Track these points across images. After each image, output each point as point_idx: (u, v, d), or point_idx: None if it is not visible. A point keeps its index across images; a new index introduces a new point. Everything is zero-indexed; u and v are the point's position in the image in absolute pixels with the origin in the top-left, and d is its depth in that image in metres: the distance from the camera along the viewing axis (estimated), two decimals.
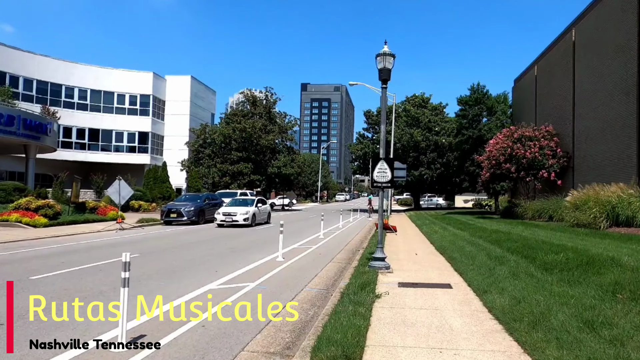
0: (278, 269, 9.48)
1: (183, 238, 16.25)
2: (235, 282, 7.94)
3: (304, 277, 8.65)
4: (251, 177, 47.31)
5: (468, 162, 35.95)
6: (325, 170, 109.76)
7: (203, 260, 10.68)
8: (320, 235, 17.74)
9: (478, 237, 13.29)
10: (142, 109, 50.90)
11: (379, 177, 8.86)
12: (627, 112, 17.56)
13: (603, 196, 15.23)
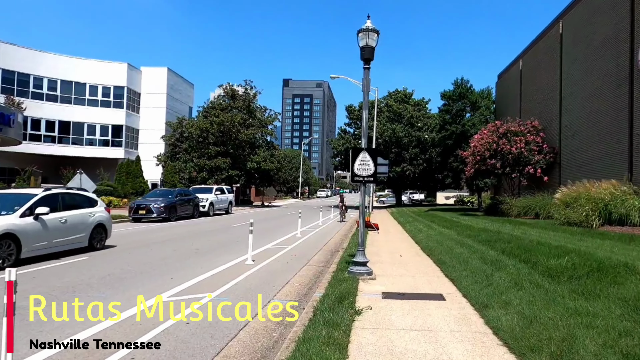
0: (245, 275, 8.32)
1: (147, 237, 14.93)
2: (190, 292, 6.74)
3: (273, 285, 7.52)
4: (229, 172, 45.96)
5: (451, 158, 35.21)
6: (306, 166, 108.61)
7: (161, 263, 9.43)
8: (298, 233, 16.61)
9: (466, 237, 12.33)
10: (115, 101, 48.79)
11: (361, 170, 7.76)
12: (618, 106, 16.85)
13: (594, 193, 14.46)
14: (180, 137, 47.38)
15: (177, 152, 47.04)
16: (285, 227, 19.95)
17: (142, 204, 23.61)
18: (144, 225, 20.71)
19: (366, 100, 7.83)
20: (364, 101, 7.81)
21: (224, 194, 33.12)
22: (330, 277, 7.43)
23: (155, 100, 52.93)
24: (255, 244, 13.15)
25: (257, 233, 17.07)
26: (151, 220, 23.06)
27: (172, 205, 24.30)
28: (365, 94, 7.83)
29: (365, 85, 7.78)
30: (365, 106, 7.77)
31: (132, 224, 21.20)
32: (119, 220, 22.65)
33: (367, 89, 7.76)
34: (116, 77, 48.84)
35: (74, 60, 47.75)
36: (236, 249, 11.85)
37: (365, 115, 7.79)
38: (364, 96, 7.86)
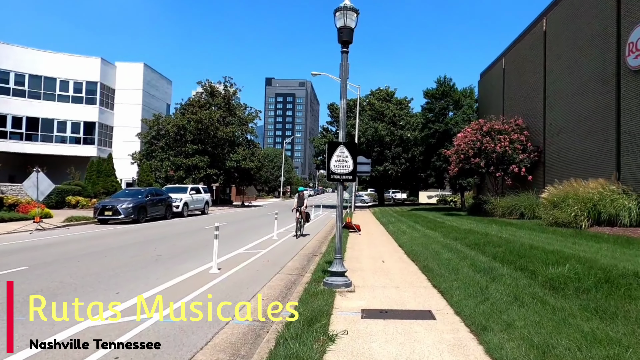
0: (206, 287, 7.30)
1: (107, 241, 13.72)
2: (131, 313, 5.63)
3: (237, 299, 6.51)
4: (207, 171, 44.65)
5: (435, 157, 34.61)
6: (288, 165, 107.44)
7: (111, 274, 8.29)
8: (274, 236, 15.61)
9: (453, 239, 11.52)
10: (88, 97, 46.70)
11: (338, 167, 6.82)
12: (605, 103, 16.30)
13: (582, 193, 13.84)
14: (156, 135, 45.84)
15: (153, 150, 45.51)
16: (261, 229, 18.92)
17: (108, 205, 22.24)
18: (110, 227, 19.43)
19: (344, 87, 6.89)
20: (342, 89, 6.86)
21: (199, 193, 31.96)
22: (303, 291, 6.47)
23: (131, 96, 51.10)
24: (226, 249, 12.16)
25: (230, 236, 16.10)
26: (118, 222, 21.79)
27: (141, 206, 23.04)
28: (343, 80, 6.89)
29: (344, 71, 6.84)
30: (343, 94, 6.83)
31: (97, 226, 19.87)
32: (82, 222, 21.29)
33: (346, 75, 6.82)
34: (89, 72, 46.87)
35: (43, 53, 45.62)
36: (203, 254, 10.78)
37: (343, 105, 6.85)
38: (342, 83, 6.91)
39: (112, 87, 50.18)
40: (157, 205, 24.81)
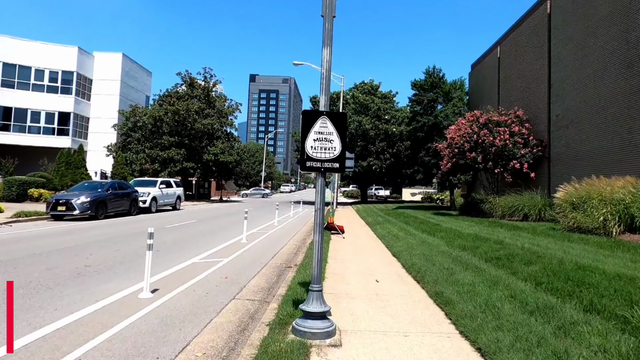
0: (124, 324, 4.84)
1: (38, 244, 11.05)
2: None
3: (157, 357, 4.11)
4: (184, 165, 42.18)
5: (423, 152, 32.42)
6: (270, 160, 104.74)
7: None
8: (243, 239, 13.15)
9: (461, 249, 9.24)
10: (63, 87, 44.26)
11: (318, 151, 4.44)
12: (629, 89, 14.23)
13: (608, 193, 11.73)
14: (133, 127, 43.34)
15: (129, 142, 43.07)
16: (232, 229, 16.44)
17: (62, 199, 19.59)
18: (61, 225, 16.78)
19: (328, 34, 4.50)
20: (324, 36, 4.47)
21: (170, 187, 29.29)
22: (261, 344, 4.06)
23: (108, 87, 48.63)
24: (179, 257, 9.69)
25: (191, 238, 13.55)
26: (73, 218, 19.24)
27: (100, 200, 20.40)
28: (328, 17, 4.48)
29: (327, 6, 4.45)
30: (327, 37, 4.44)
31: (48, 223, 17.23)
32: (34, 217, 18.61)
33: (330, 14, 4.43)
34: (65, 62, 44.39)
35: (18, 41, 43.09)
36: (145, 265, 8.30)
37: (326, 54, 4.46)
38: (326, 22, 4.52)
39: (89, 77, 47.87)
40: (119, 200, 22.19)
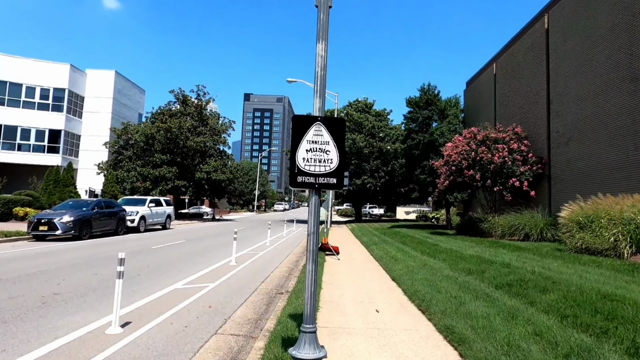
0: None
1: (6, 269, 10.15)
2: None
3: None
4: (175, 183, 41.38)
5: (418, 170, 31.86)
6: (263, 179, 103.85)
7: None
8: (232, 261, 12.35)
9: (466, 273, 8.52)
10: (55, 104, 43.77)
11: (311, 164, 3.77)
12: (634, 104, 13.77)
13: (616, 211, 11.13)
14: (125, 145, 42.67)
15: (120, 160, 42.40)
16: (221, 250, 15.62)
17: (44, 218, 18.81)
18: (42, 245, 15.93)
19: (323, 26, 3.88)
20: (320, 20, 3.85)
21: (160, 206, 28.47)
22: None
23: (100, 104, 48.19)
24: (161, 282, 8.90)
25: (177, 260, 12.69)
26: (56, 239, 18.45)
27: (85, 220, 19.61)
28: (323, 6, 3.87)
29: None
30: (321, 30, 3.82)
31: (28, 244, 16.39)
32: (14, 237, 17.79)
33: (325, 6, 3.82)
34: (57, 79, 43.94)
35: (9, 58, 42.67)
36: (123, 292, 7.50)
37: (321, 49, 3.82)
38: (320, 12, 3.90)
39: (81, 95, 47.41)
40: (105, 219, 21.39)
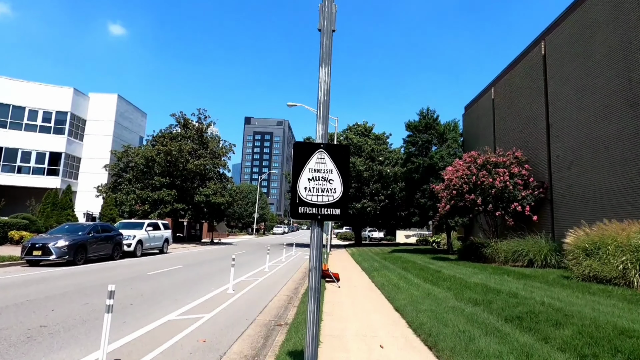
0: None
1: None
2: None
3: None
4: (174, 206, 41.08)
5: (418, 194, 31.63)
6: (263, 202, 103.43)
7: None
8: (230, 288, 11.99)
9: (472, 304, 8.20)
10: (56, 127, 44.11)
11: (314, 193, 3.54)
12: (634, 129, 13.68)
13: (623, 238, 10.87)
14: (125, 167, 42.60)
15: (119, 182, 42.24)
16: (219, 276, 15.24)
17: (38, 243, 18.45)
18: (35, 271, 15.55)
19: (327, 43, 3.71)
20: (323, 44, 3.68)
21: (157, 230, 28.11)
22: None
23: (102, 127, 48.53)
24: (155, 312, 8.55)
25: (173, 287, 12.23)
26: (50, 264, 18.09)
27: (80, 244, 19.28)
28: (326, 26, 3.70)
29: (327, 9, 3.68)
30: (325, 54, 3.64)
31: (22, 269, 16.09)
32: (7, 262, 17.46)
33: (330, 13, 3.66)
34: (60, 102, 44.39)
35: (14, 82, 43.13)
36: (113, 324, 7.16)
37: (323, 74, 3.64)
38: (324, 37, 3.73)
39: (83, 118, 47.78)
40: (101, 244, 21.05)
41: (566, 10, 19.25)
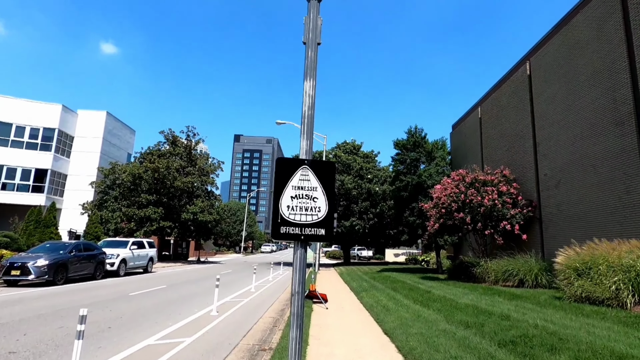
0: None
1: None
2: None
3: None
4: (161, 224, 40.39)
5: (407, 212, 31.48)
6: (251, 220, 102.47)
7: None
8: (213, 310, 11.59)
9: (463, 327, 7.95)
10: (43, 144, 43.65)
11: (297, 212, 3.32)
12: (620, 148, 13.73)
13: (614, 257, 10.75)
14: (111, 184, 41.94)
15: (105, 200, 41.50)
16: (203, 297, 14.80)
17: (17, 262, 17.88)
18: (12, 292, 14.98)
19: (312, 58, 3.54)
20: (308, 57, 3.51)
21: (142, 248, 27.53)
22: None
23: (90, 144, 48.16)
24: (134, 336, 8.14)
25: (155, 309, 11.64)
26: (29, 284, 17.52)
27: (61, 264, 18.76)
28: (311, 42, 3.54)
29: (313, 21, 3.52)
30: (309, 68, 3.47)
31: (1, 290, 15.46)
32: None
33: (315, 26, 3.50)
34: (48, 119, 44.09)
35: (1, 99, 42.72)
36: (89, 349, 6.77)
37: (308, 87, 3.46)
38: (309, 50, 3.56)
39: (71, 135, 47.43)
40: (83, 263, 20.50)
41: (550, 31, 19.55)
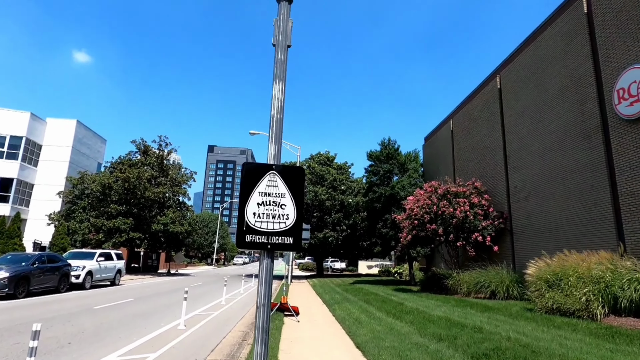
0: None
1: None
2: None
3: None
4: (130, 235, 39.26)
5: (380, 223, 31.53)
6: (224, 231, 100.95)
7: None
8: (181, 324, 11.15)
9: (436, 340, 7.82)
10: (9, 152, 42.16)
11: (263, 220, 3.12)
12: (589, 160, 14.04)
13: (584, 269, 10.89)
14: (80, 194, 40.59)
15: (73, 210, 40.11)
16: (171, 310, 14.27)
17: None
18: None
19: (281, 59, 3.37)
20: (277, 60, 3.34)
21: (110, 260, 26.61)
22: None
23: (58, 153, 46.62)
24: (95, 352, 7.72)
25: (120, 323, 10.90)
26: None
27: (23, 276, 18.01)
28: (281, 42, 3.37)
29: (283, 23, 3.36)
30: (279, 70, 3.30)
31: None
32: None
33: (285, 28, 3.34)
34: (15, 127, 42.69)
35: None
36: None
37: (277, 91, 3.28)
38: (278, 52, 3.39)
39: (39, 143, 45.94)
40: (47, 275, 19.73)
41: (520, 46, 20.02)
